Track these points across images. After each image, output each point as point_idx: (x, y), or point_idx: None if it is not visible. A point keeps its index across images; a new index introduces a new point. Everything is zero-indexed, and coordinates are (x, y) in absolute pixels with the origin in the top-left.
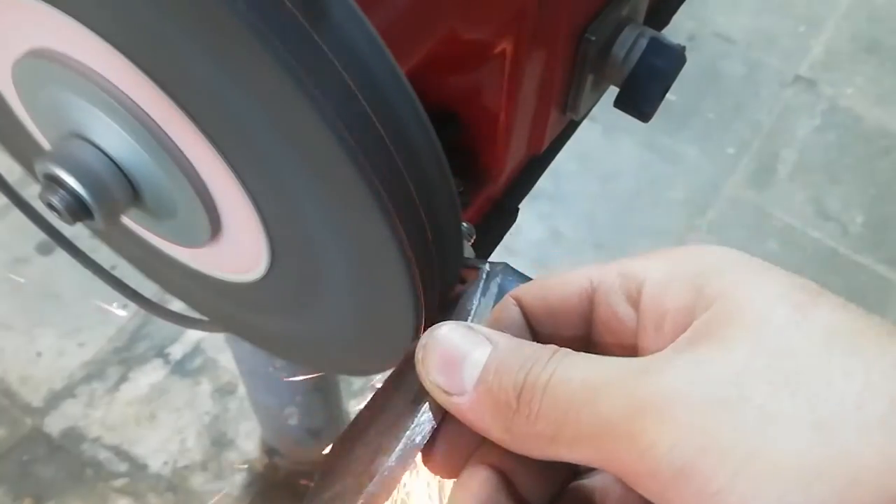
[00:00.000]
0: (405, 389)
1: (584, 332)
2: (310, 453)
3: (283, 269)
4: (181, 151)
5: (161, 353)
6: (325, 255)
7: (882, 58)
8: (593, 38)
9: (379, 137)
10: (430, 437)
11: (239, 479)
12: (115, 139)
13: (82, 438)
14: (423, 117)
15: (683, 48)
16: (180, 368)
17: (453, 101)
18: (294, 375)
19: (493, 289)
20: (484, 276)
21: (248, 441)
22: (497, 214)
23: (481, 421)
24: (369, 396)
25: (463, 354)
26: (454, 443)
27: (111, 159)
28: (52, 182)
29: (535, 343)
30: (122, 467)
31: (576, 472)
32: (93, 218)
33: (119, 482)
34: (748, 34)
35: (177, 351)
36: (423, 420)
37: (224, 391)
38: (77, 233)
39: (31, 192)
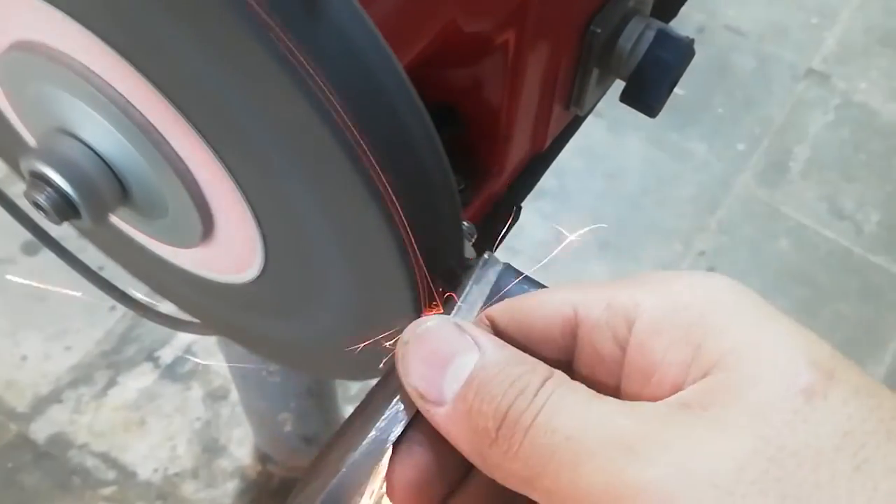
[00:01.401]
0: (388, 385)
1: (563, 360)
2: (304, 460)
3: (277, 270)
4: (171, 147)
5: (151, 357)
6: (321, 255)
7: None
8: (598, 31)
9: (376, 134)
10: (398, 440)
11: (231, 487)
12: (103, 135)
13: (69, 445)
14: (422, 112)
15: (692, 41)
16: (170, 372)
17: (454, 95)
18: (289, 379)
19: (490, 277)
20: (480, 264)
21: (241, 448)
22: (499, 213)
23: (456, 438)
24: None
25: (446, 359)
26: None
27: (99, 156)
28: (38, 180)
29: (528, 359)
30: (111, 475)
31: None
32: (80, 217)
33: (107, 490)
34: (759, 26)
35: (167, 354)
36: (394, 414)
37: (216, 396)
38: (64, 232)
39: (17, 190)
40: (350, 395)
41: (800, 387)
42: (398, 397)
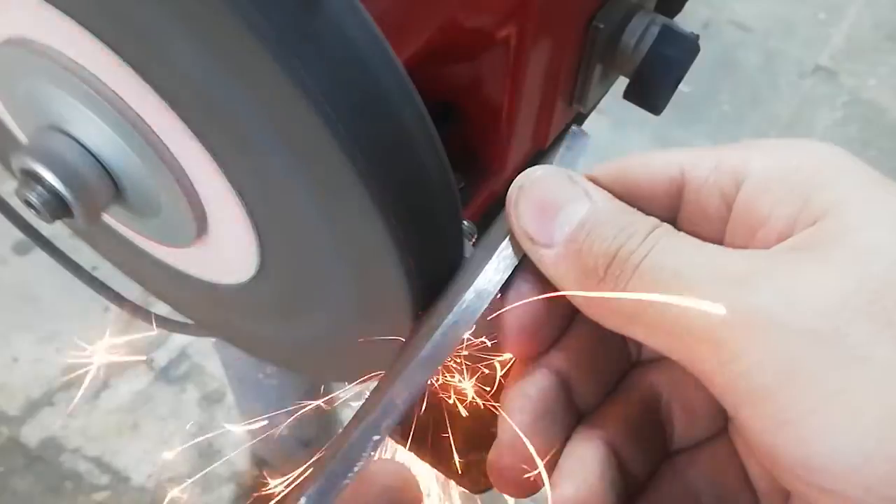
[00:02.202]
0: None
1: (667, 218)
2: (302, 465)
3: (273, 271)
4: (165, 145)
5: (145, 359)
6: (318, 255)
7: None
8: (602, 26)
9: (374, 131)
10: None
11: (227, 492)
12: (95, 132)
13: (61, 449)
14: (421, 109)
15: (697, 36)
16: (165, 375)
17: (454, 92)
18: (286, 382)
19: (583, 142)
20: (571, 134)
21: (236, 452)
22: (500, 212)
23: (563, 278)
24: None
25: (559, 204)
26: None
27: (92, 154)
28: (30, 178)
29: (636, 211)
30: (104, 480)
31: (633, 363)
32: (73, 216)
33: (100, 495)
34: (765, 22)
35: (161, 357)
36: (497, 264)
37: (211, 399)
38: (56, 232)
39: (8, 188)
40: (348, 397)
41: None
42: (504, 244)
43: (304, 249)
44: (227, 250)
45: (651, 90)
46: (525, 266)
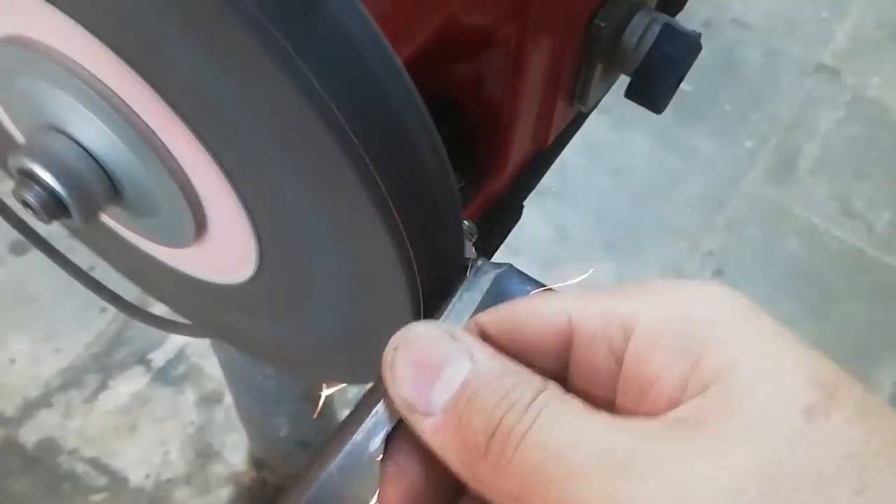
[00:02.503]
0: (375, 392)
1: (558, 371)
2: (300, 466)
3: (272, 270)
4: (164, 145)
5: (142, 360)
6: (317, 254)
7: None
8: (603, 24)
9: (373, 129)
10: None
11: (225, 493)
12: (93, 132)
13: (59, 450)
14: (420, 108)
15: (699, 35)
16: (163, 376)
17: (454, 90)
18: (284, 382)
19: (483, 285)
20: (473, 270)
21: (235, 453)
22: (500, 212)
23: (444, 451)
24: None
25: (437, 367)
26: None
27: (89, 153)
28: (27, 177)
29: (522, 370)
30: (101, 481)
31: None
32: (70, 216)
33: (98, 497)
34: (767, 20)
35: (159, 357)
36: (373, 426)
37: (209, 400)
38: (53, 232)
39: (5, 188)
40: (347, 398)
41: (801, 405)
42: (379, 406)
43: (302, 249)
44: (226, 250)
45: (652, 89)
46: (403, 431)
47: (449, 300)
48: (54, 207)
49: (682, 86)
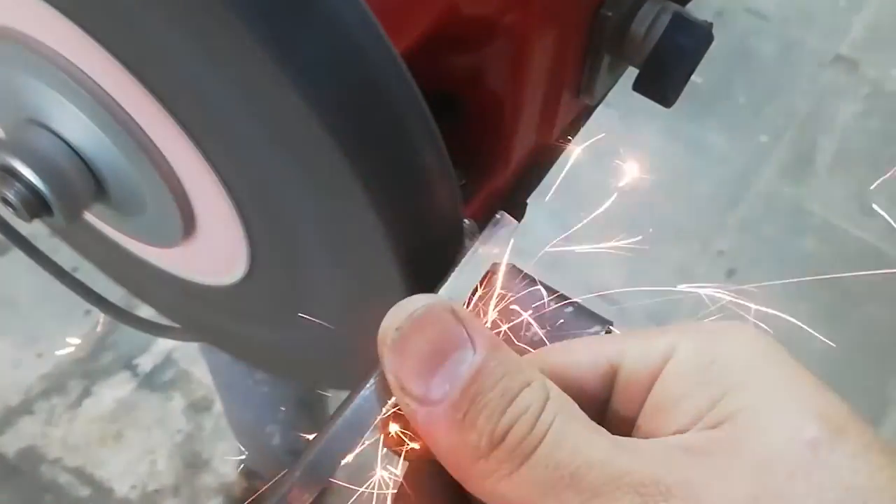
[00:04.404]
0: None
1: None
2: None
3: (264, 272)
4: (150, 139)
5: (128, 365)
6: (311, 255)
7: None
8: (610, 14)
9: (370, 124)
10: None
11: None
12: (76, 126)
13: (41, 460)
14: (420, 102)
15: (711, 25)
16: (150, 382)
17: (454, 84)
18: (277, 388)
19: (502, 234)
20: (492, 223)
21: (225, 463)
22: (503, 210)
23: (434, 441)
24: None
25: (439, 354)
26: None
27: (72, 148)
28: (7, 174)
29: (523, 368)
30: (85, 492)
31: None
32: (52, 214)
33: None
34: (783, 9)
35: (146, 362)
36: (362, 403)
37: (198, 407)
38: (35, 231)
39: None
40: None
41: (806, 439)
42: (371, 382)
43: (295, 249)
44: (216, 250)
45: (662, 81)
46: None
47: (460, 256)
48: (36, 205)
49: (694, 78)
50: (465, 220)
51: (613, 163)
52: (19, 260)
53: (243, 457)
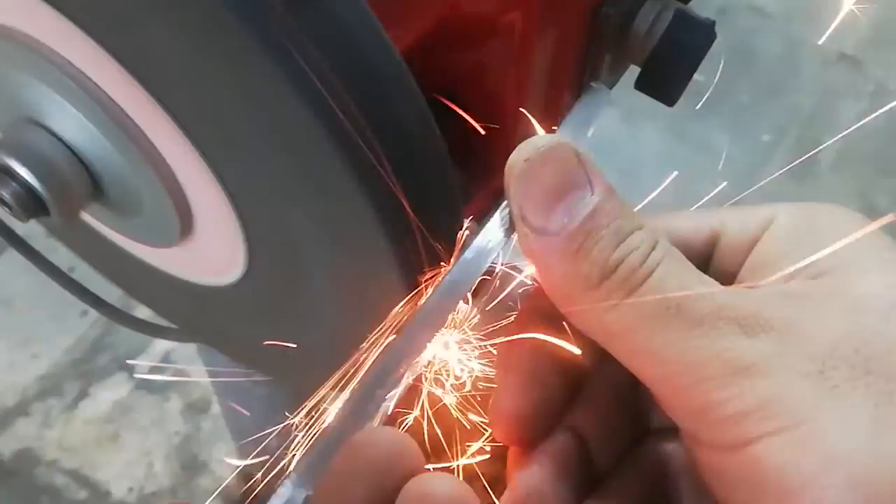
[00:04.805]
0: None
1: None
2: None
3: (262, 272)
4: (147, 138)
5: (125, 366)
6: (309, 255)
7: None
8: (611, 12)
9: (369, 123)
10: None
11: None
12: (73, 125)
13: (37, 462)
14: (419, 101)
15: (713, 23)
16: (147, 383)
17: (455, 82)
18: (276, 390)
19: (601, 98)
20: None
21: (223, 465)
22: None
23: (546, 269)
24: None
25: (562, 190)
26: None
27: (69, 147)
28: (3, 173)
29: (635, 213)
30: (82, 494)
31: (647, 429)
32: (48, 214)
33: None
34: (786, 7)
35: (143, 363)
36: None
37: (196, 408)
38: (31, 231)
39: None
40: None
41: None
42: (502, 209)
43: (293, 250)
44: (214, 250)
45: (664, 80)
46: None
47: (566, 111)
48: (32, 205)
49: (696, 76)
50: (466, 220)
51: (615, 162)
52: (15, 260)
53: (241, 459)
